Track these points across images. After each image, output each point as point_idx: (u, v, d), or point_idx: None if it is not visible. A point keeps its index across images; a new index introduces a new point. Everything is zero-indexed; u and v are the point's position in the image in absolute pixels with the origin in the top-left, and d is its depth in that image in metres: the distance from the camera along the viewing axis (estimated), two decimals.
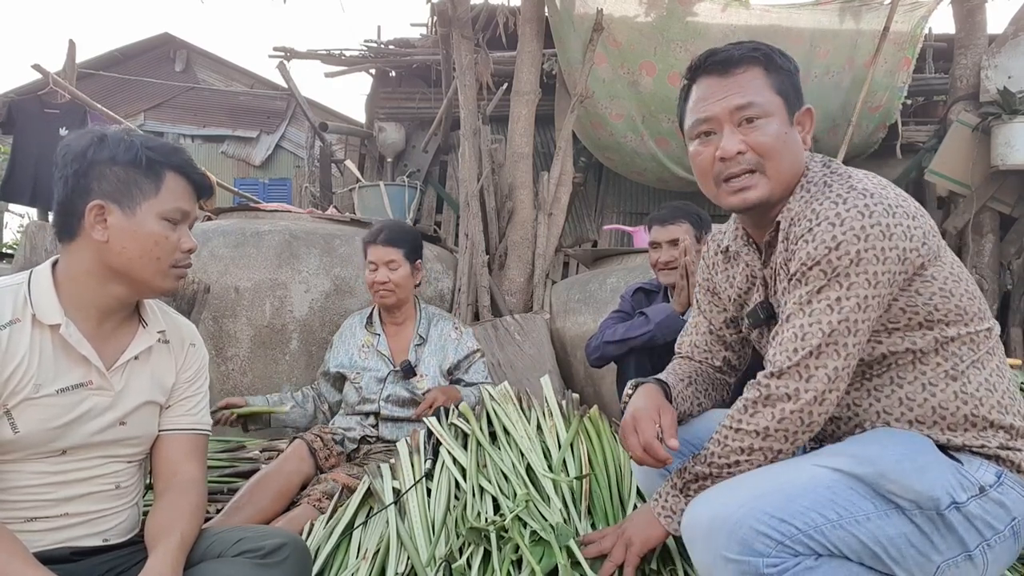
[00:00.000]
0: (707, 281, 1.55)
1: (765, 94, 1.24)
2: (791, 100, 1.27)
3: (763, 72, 1.26)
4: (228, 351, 3.28)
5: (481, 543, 1.55)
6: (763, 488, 1.13)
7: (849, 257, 1.15)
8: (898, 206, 1.17)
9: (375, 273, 2.44)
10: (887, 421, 1.25)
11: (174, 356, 1.39)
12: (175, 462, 1.35)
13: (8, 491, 1.21)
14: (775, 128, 1.24)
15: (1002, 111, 4.29)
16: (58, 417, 1.22)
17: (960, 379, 1.22)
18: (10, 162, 5.58)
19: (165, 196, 1.26)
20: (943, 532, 1.12)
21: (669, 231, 2.50)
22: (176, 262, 1.29)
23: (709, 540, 1.12)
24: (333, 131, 6.11)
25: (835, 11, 4.52)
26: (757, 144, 1.24)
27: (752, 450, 1.22)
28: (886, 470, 1.11)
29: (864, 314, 1.16)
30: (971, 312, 1.23)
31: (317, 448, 2.21)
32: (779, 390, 1.20)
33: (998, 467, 1.19)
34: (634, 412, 1.34)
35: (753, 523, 1.08)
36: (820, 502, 1.10)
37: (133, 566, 1.25)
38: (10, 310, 1.21)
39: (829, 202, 1.19)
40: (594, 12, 4.23)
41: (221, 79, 9.95)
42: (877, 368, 1.25)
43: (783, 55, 1.29)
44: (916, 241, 1.17)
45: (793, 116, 1.27)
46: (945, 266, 1.22)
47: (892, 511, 1.11)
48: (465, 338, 2.57)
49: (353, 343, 2.54)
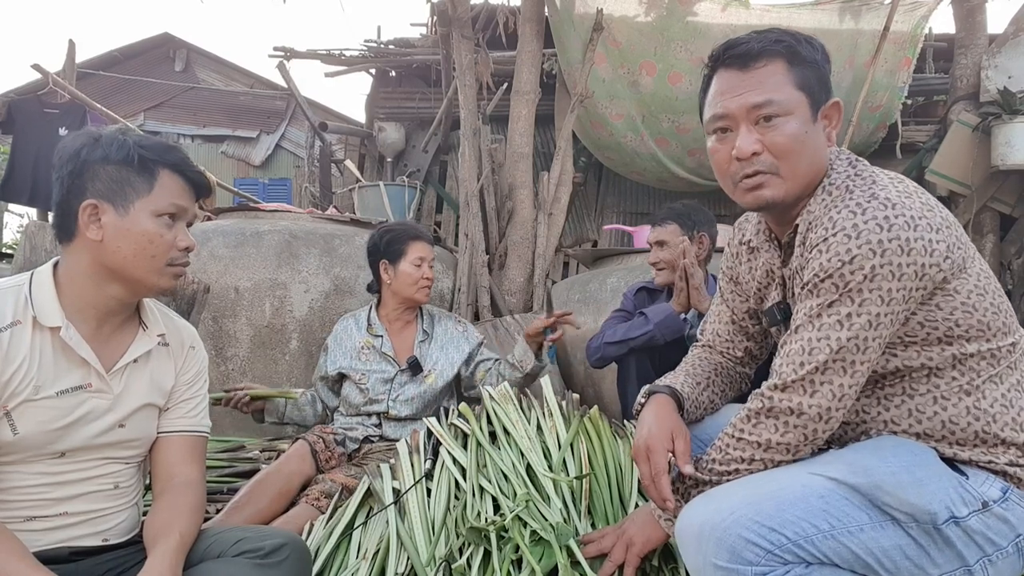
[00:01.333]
0: (730, 270, 1.51)
1: (785, 90, 1.18)
2: (815, 94, 1.21)
3: (785, 66, 1.19)
4: (228, 351, 3.28)
5: (481, 543, 1.55)
6: (755, 495, 1.12)
7: (863, 272, 1.10)
8: (921, 217, 1.11)
9: (420, 269, 2.50)
10: (894, 431, 1.22)
11: (173, 359, 1.39)
12: (174, 464, 1.35)
13: (7, 491, 1.21)
14: (793, 127, 1.18)
15: (1002, 111, 4.29)
16: (57, 419, 1.21)
17: (975, 394, 1.18)
18: (9, 162, 5.58)
19: (159, 194, 1.26)
20: (940, 546, 1.09)
21: (656, 232, 2.59)
22: (172, 260, 1.28)
23: (699, 546, 1.11)
24: (333, 131, 6.11)
25: (835, 11, 4.52)
26: (773, 144, 1.19)
27: (752, 460, 1.20)
28: (882, 482, 1.09)
29: (875, 331, 1.12)
30: (994, 327, 1.18)
31: (319, 449, 2.21)
32: (782, 403, 1.17)
33: (1005, 482, 1.16)
34: (647, 440, 1.29)
35: (742, 531, 1.07)
36: (812, 512, 1.08)
37: (133, 566, 1.25)
38: (11, 312, 1.21)
39: (848, 211, 1.14)
40: (594, 12, 4.23)
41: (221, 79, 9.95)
42: (890, 379, 1.22)
43: (810, 44, 1.23)
44: (938, 256, 1.11)
45: (818, 111, 1.21)
46: (971, 278, 1.17)
47: (887, 523, 1.09)
48: (470, 329, 2.68)
49: (351, 345, 2.55)
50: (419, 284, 2.50)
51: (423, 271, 2.50)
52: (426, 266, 2.51)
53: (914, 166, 5.08)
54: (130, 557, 1.29)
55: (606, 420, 2.02)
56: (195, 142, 9.73)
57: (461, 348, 2.57)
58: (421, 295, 2.53)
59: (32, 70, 5.04)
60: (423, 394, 2.45)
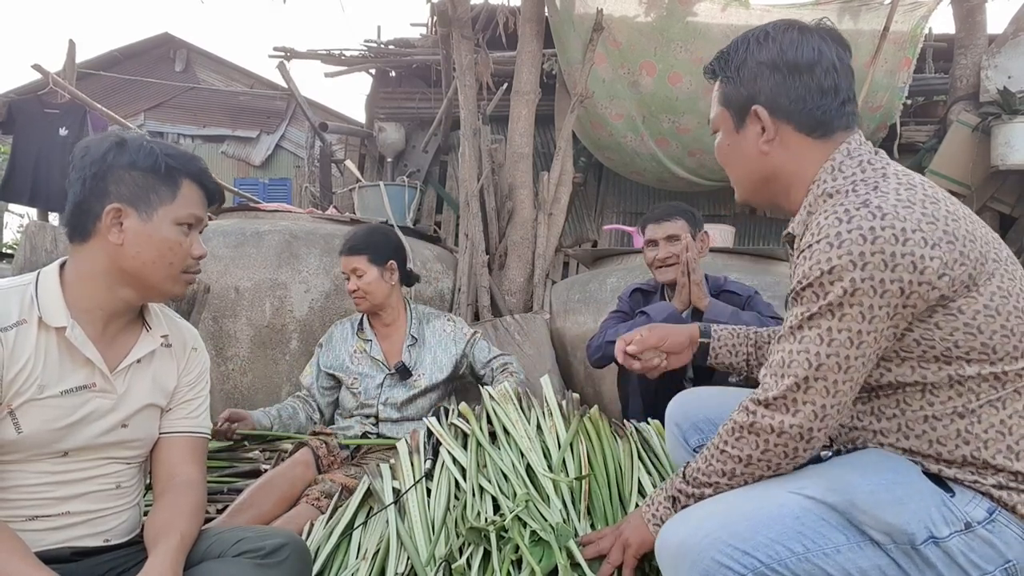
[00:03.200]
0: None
1: (714, 109, 1.32)
2: (733, 107, 1.29)
3: (719, 85, 1.31)
4: (228, 351, 3.28)
5: (481, 543, 1.55)
6: (730, 517, 1.11)
7: (842, 285, 1.06)
8: (915, 231, 1.04)
9: (348, 283, 2.50)
10: (882, 442, 1.20)
11: (176, 360, 1.40)
12: (175, 464, 1.36)
13: (10, 490, 1.21)
14: (719, 140, 1.32)
15: (1002, 111, 4.30)
16: (61, 418, 1.22)
17: (968, 417, 1.12)
18: (10, 162, 5.57)
19: (181, 203, 1.29)
20: (921, 567, 1.06)
21: (665, 228, 2.52)
22: (187, 268, 1.32)
23: (676, 567, 1.11)
24: (333, 131, 6.10)
25: (835, 11, 4.52)
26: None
27: (734, 475, 1.19)
28: (858, 500, 1.06)
29: (857, 350, 1.08)
30: (1002, 351, 1.10)
31: (322, 455, 2.22)
32: (764, 420, 1.15)
33: (991, 503, 1.10)
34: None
35: (715, 555, 1.06)
36: (786, 534, 1.06)
37: (133, 566, 1.25)
38: (17, 311, 1.22)
39: (835, 217, 1.09)
40: (594, 12, 4.23)
41: (221, 79, 9.94)
42: (885, 391, 1.19)
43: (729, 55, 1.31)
44: (929, 273, 1.04)
45: (742, 121, 1.28)
46: (982, 298, 1.08)
47: (865, 543, 1.07)
48: (459, 326, 2.63)
49: (344, 349, 2.56)
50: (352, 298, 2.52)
51: (348, 285, 2.48)
52: (353, 278, 2.47)
53: (914, 166, 5.07)
54: (130, 557, 1.29)
55: (606, 420, 2.02)
56: (195, 142, 9.72)
57: (449, 350, 2.55)
58: (356, 307, 2.53)
59: (32, 70, 5.04)
60: (413, 398, 2.46)
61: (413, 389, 2.46)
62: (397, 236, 2.77)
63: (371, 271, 2.47)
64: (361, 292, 2.46)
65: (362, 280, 2.46)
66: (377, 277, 2.47)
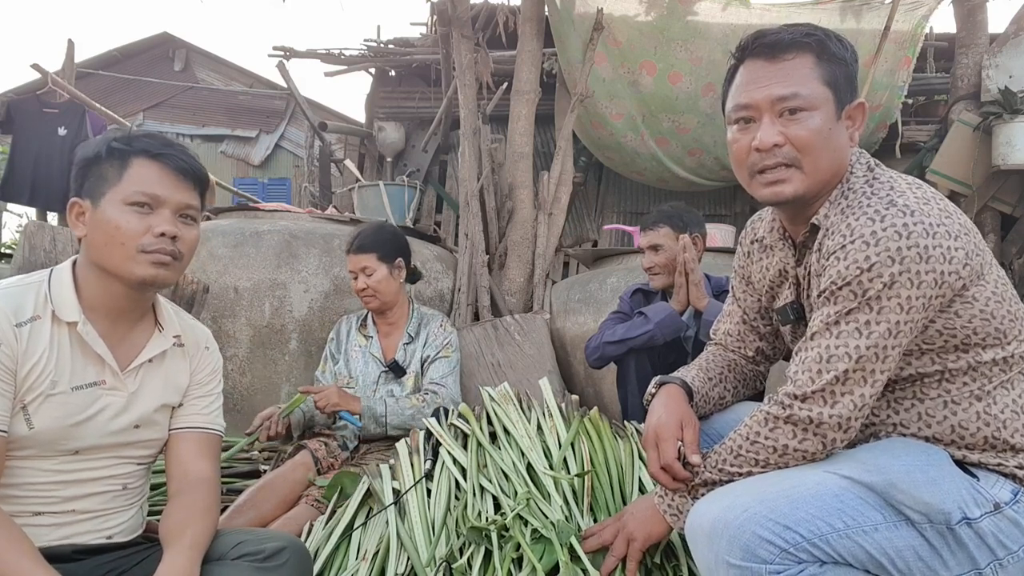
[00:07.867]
0: (742, 268, 1.51)
1: (811, 85, 1.17)
2: (842, 92, 1.19)
3: (814, 60, 1.17)
4: (227, 351, 3.27)
5: (482, 542, 1.55)
6: (769, 493, 1.12)
7: (882, 280, 1.09)
8: (939, 225, 1.10)
9: (355, 282, 2.48)
10: (903, 434, 1.22)
11: (188, 359, 1.41)
12: (188, 460, 1.36)
13: (18, 487, 1.22)
14: (817, 122, 1.16)
15: (1003, 111, 4.28)
16: (72, 415, 1.23)
17: (985, 399, 1.17)
18: (9, 162, 5.56)
19: (128, 182, 1.25)
20: (953, 548, 1.09)
21: (649, 237, 2.55)
22: (145, 247, 1.23)
23: (712, 543, 1.11)
24: (333, 131, 6.10)
25: (835, 10, 4.51)
26: (796, 138, 1.17)
27: (767, 463, 1.20)
28: (896, 479, 1.09)
29: (895, 340, 1.12)
30: (1011, 334, 1.17)
31: (321, 457, 2.21)
32: (802, 412, 1.16)
33: (1016, 485, 1.15)
34: (656, 428, 1.31)
35: (757, 529, 1.07)
36: (827, 510, 1.08)
37: (134, 567, 1.26)
38: (31, 307, 1.23)
39: (866, 218, 1.12)
40: (594, 11, 4.22)
41: (220, 79, 9.92)
42: (902, 384, 1.22)
43: (840, 42, 1.20)
44: (956, 263, 1.10)
45: (843, 109, 1.19)
46: (988, 285, 1.15)
47: (901, 523, 1.09)
48: (443, 334, 2.55)
49: (349, 346, 2.57)
50: (359, 296, 2.51)
51: (356, 284, 2.48)
52: (362, 277, 2.46)
53: (915, 166, 5.07)
54: (132, 557, 1.29)
55: (606, 420, 2.01)
56: (194, 142, 9.69)
57: (428, 353, 2.53)
58: (366, 305, 2.51)
59: (31, 69, 5.04)
60: (405, 395, 2.44)
61: (405, 387, 2.46)
62: (403, 234, 2.76)
63: (380, 269, 2.46)
64: (371, 290, 2.45)
65: (371, 278, 2.45)
66: (386, 275, 2.47)
